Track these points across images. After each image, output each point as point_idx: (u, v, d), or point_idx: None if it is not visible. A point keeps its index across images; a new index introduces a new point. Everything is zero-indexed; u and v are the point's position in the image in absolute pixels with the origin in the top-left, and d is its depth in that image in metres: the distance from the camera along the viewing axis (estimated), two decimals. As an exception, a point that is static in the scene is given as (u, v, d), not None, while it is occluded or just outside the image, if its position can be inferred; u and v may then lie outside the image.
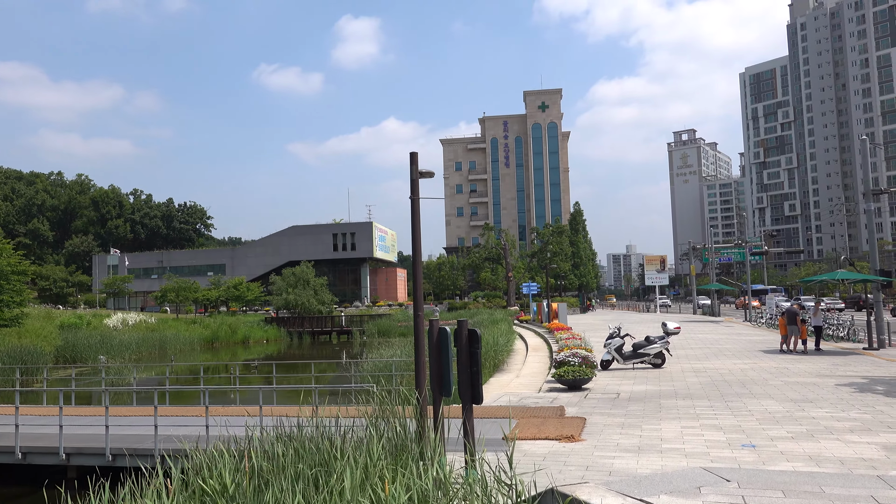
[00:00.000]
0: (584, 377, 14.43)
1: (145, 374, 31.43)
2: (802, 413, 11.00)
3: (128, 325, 52.10)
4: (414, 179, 9.06)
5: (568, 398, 13.50)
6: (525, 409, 12.43)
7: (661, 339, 18.30)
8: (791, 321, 21.84)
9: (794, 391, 13.40)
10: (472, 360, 7.58)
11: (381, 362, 21.12)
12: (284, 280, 62.87)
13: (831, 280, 22.57)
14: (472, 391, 7.61)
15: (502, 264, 79.24)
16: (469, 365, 7.57)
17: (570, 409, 12.24)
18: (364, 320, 58.13)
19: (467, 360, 7.58)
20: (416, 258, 8.78)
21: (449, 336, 7.94)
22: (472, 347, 7.60)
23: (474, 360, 7.58)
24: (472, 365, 7.58)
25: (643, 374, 17.15)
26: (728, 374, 16.43)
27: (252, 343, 54.65)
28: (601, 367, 18.23)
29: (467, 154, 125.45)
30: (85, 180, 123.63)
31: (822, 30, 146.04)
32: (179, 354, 45.26)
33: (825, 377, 15.42)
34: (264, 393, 12.00)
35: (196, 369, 35.46)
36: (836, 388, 13.70)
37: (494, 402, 13.71)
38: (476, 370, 7.56)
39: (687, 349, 23.67)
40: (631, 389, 14.40)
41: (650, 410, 11.72)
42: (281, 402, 15.90)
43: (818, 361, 18.86)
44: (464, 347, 7.61)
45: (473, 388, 7.58)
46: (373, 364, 21.09)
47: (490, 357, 21.35)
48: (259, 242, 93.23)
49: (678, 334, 19.38)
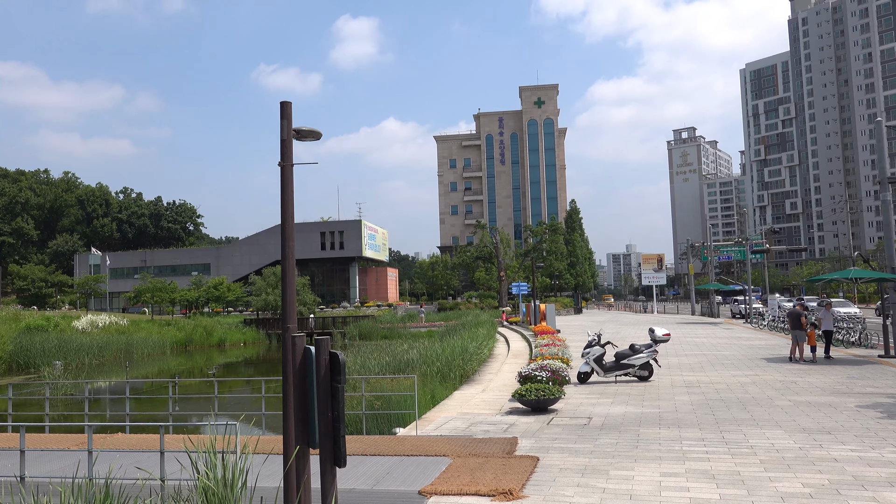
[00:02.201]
0: (551, 397, 11.89)
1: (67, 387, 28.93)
2: (820, 451, 8.45)
3: (97, 327, 49.56)
4: (285, 140, 6.53)
5: (527, 424, 10.97)
6: (469, 441, 9.89)
7: (648, 347, 15.76)
8: (795, 325, 19.20)
9: (807, 416, 10.85)
10: (333, 401, 5.02)
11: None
12: (265, 280, 60.24)
13: (844, 279, 20.00)
14: (332, 446, 5.05)
15: (494, 263, 76.65)
16: (328, 407, 5.02)
17: (525, 441, 9.70)
18: (347, 321, 55.51)
19: (326, 399, 5.03)
20: (286, 242, 6.25)
21: (314, 360, 5.41)
22: (334, 381, 5.05)
23: (335, 401, 5.02)
24: (333, 407, 5.01)
25: (626, 389, 14.60)
26: (725, 391, 13.89)
27: (228, 346, 52.08)
28: (578, 381, 15.71)
29: (462, 151, 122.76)
30: (72, 178, 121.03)
31: (824, 24, 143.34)
32: (145, 359, 42.75)
33: (842, 395, 12.87)
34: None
35: (161, 374, 32.95)
36: (857, 411, 11.15)
37: (438, 428, 11.19)
38: (338, 414, 5.00)
39: (680, 356, 21.13)
40: (607, 412, 11.85)
41: (624, 445, 9.17)
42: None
43: (830, 373, 16.31)
44: (322, 381, 5.06)
45: (335, 442, 5.02)
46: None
47: (457, 366, 18.83)
48: (245, 241, 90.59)
49: (668, 341, 16.80)
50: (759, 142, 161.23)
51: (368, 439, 10.34)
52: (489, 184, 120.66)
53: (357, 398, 13.57)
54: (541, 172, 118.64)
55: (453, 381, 18.12)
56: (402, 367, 18.15)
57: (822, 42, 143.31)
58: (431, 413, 13.39)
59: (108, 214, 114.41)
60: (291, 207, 6.42)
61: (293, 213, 6.43)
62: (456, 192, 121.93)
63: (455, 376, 18.40)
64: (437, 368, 18.11)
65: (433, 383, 16.69)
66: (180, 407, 19.18)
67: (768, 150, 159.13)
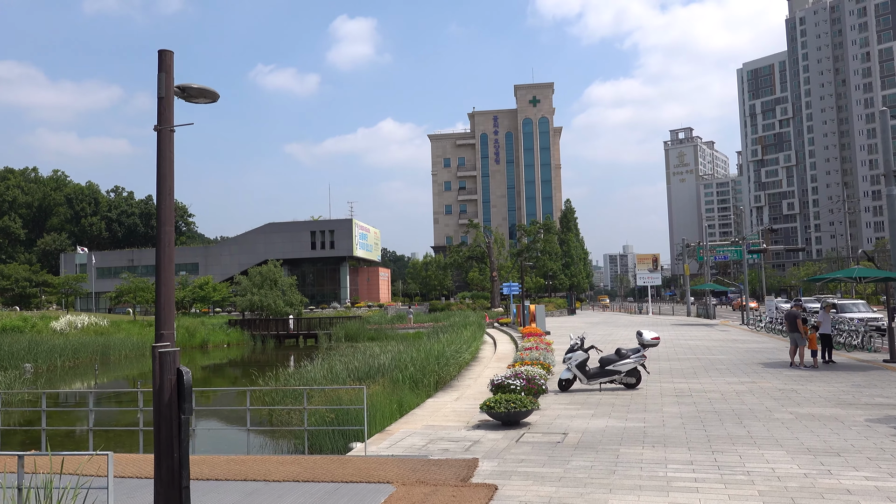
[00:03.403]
0: (523, 409, 10.55)
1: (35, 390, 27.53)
2: (830, 480, 7.14)
3: (76, 327, 48.11)
4: (163, 98, 5.17)
5: (493, 442, 9.63)
6: (422, 463, 8.55)
7: (636, 352, 14.44)
8: (793, 327, 17.88)
9: (811, 433, 9.54)
10: (178, 438, 3.67)
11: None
12: (250, 280, 58.79)
13: (848, 278, 18.71)
14: (179, 495, 3.68)
15: (487, 263, 75.29)
16: (170, 442, 3.67)
17: (487, 464, 8.38)
18: (334, 322, 54.09)
19: (168, 432, 3.67)
20: (162, 227, 4.91)
21: (186, 383, 4.03)
22: (181, 405, 3.70)
23: (181, 434, 3.68)
24: (178, 446, 3.66)
25: (610, 398, 13.29)
26: (719, 401, 12.58)
27: (211, 348, 50.65)
28: (559, 388, 14.38)
29: (456, 150, 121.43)
30: (60, 176, 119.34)
31: (822, 24, 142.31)
32: (122, 362, 41.36)
33: (849, 407, 11.55)
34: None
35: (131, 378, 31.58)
36: (868, 427, 9.83)
37: (393, 446, 9.86)
38: (182, 455, 3.65)
39: (672, 360, 19.84)
40: (585, 426, 10.52)
41: (600, 470, 7.85)
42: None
43: (833, 380, 15.01)
44: (164, 405, 3.71)
45: (179, 494, 3.65)
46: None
47: (432, 372, 17.49)
48: (234, 240, 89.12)
49: (657, 346, 15.49)
50: (756, 142, 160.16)
51: (307, 461, 9.00)
52: (484, 183, 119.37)
53: (310, 411, 12.21)
54: (536, 172, 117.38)
55: (427, 388, 16.80)
56: (372, 373, 16.82)
57: (820, 42, 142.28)
58: (396, 425, 12.07)
59: (97, 213, 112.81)
60: (170, 181, 5.08)
61: (172, 187, 5.10)
62: (450, 191, 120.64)
63: (429, 382, 17.08)
64: (409, 374, 16.78)
65: (403, 391, 15.35)
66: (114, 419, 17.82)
67: (765, 151, 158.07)
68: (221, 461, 9.06)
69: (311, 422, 12.05)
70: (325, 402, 13.40)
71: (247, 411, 9.60)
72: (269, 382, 17.96)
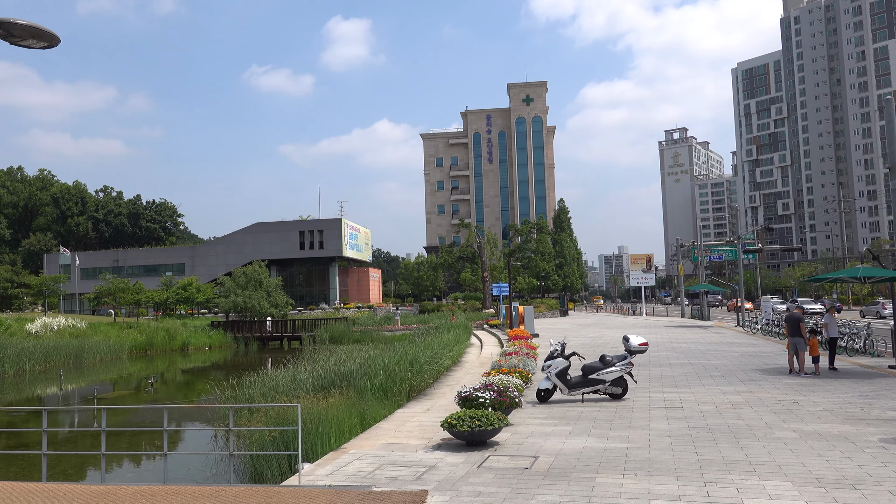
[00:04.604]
0: (489, 428, 9.22)
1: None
2: (847, 524, 5.83)
3: (52, 329, 46.61)
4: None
5: (451, 468, 8.30)
6: (362, 496, 7.21)
7: (622, 359, 13.14)
8: (794, 331, 16.52)
9: (819, 456, 8.24)
10: None
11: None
12: (234, 280, 57.31)
13: (851, 278, 17.45)
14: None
15: (478, 263, 73.96)
16: None
17: (438, 497, 7.05)
18: (319, 324, 52.63)
19: None
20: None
21: None
22: None
23: None
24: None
25: (592, 410, 11.98)
26: (713, 414, 11.28)
27: (192, 350, 49.15)
28: (538, 399, 13.08)
29: (449, 149, 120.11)
30: (47, 176, 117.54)
31: (817, 23, 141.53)
32: (97, 365, 39.87)
33: (859, 423, 10.26)
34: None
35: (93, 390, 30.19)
36: (884, 449, 8.54)
37: (335, 472, 8.51)
38: None
39: (663, 366, 18.56)
40: (560, 447, 9.20)
41: (569, 508, 6.53)
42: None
43: (838, 390, 13.73)
44: None
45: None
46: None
47: (404, 379, 16.15)
48: (221, 241, 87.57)
49: (645, 352, 14.19)
50: (751, 142, 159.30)
51: (228, 493, 7.64)
52: (476, 183, 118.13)
53: (236, 432, 10.84)
54: (529, 171, 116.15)
55: (398, 398, 15.46)
56: (337, 382, 15.46)
57: (815, 41, 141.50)
58: (354, 442, 10.73)
59: (83, 213, 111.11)
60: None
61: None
62: (443, 191, 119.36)
63: (400, 393, 15.74)
64: (378, 382, 15.44)
65: (368, 402, 14.01)
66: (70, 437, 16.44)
67: (760, 150, 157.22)
68: (129, 493, 7.71)
69: (254, 441, 10.72)
70: (265, 419, 12.05)
71: (164, 433, 8.24)
72: (225, 392, 16.58)
